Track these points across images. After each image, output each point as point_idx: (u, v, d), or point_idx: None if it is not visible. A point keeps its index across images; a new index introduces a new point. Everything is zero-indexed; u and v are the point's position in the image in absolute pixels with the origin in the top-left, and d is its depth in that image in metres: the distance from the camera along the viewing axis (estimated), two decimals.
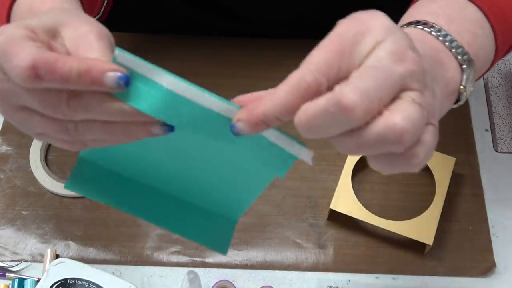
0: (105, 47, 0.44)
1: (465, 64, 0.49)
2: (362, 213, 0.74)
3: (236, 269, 0.74)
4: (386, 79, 0.39)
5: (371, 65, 0.40)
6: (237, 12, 0.90)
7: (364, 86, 0.38)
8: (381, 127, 0.39)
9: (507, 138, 0.83)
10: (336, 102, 0.38)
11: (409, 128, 0.39)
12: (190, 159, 0.49)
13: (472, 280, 0.74)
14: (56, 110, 0.43)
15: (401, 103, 0.39)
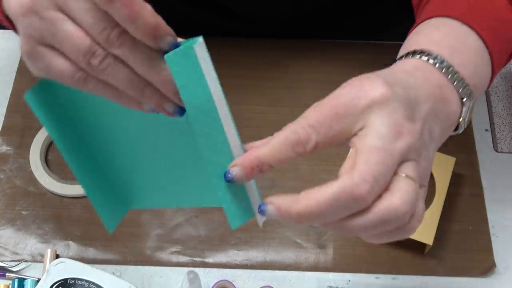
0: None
1: (466, 97, 0.50)
2: None
3: (236, 269, 0.74)
4: (389, 161, 0.42)
5: (375, 146, 0.42)
6: (236, 11, 0.90)
7: (372, 173, 0.42)
8: (384, 210, 0.42)
9: (507, 138, 0.83)
10: (349, 192, 0.42)
11: (408, 209, 0.43)
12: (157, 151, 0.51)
13: (472, 280, 0.74)
14: (104, 31, 0.42)
15: (399, 181, 0.43)
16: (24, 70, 0.89)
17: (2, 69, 0.89)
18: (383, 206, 0.43)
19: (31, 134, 0.82)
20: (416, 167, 0.44)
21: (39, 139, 0.82)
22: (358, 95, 0.44)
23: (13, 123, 0.84)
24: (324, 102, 0.44)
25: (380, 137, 0.43)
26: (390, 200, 0.43)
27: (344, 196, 0.43)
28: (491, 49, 0.53)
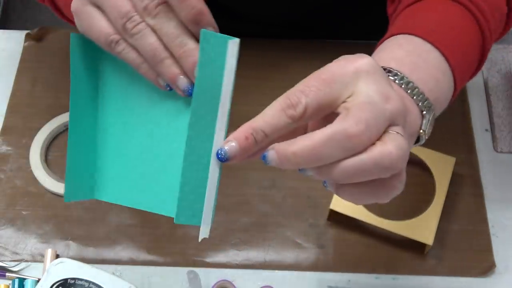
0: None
1: (425, 110, 0.52)
2: (362, 213, 0.74)
3: (236, 269, 0.74)
4: (380, 114, 0.44)
5: (366, 101, 0.44)
6: (236, 11, 0.90)
7: (365, 117, 0.44)
8: (378, 153, 0.44)
9: (507, 138, 0.83)
10: (344, 131, 0.43)
11: (402, 155, 0.44)
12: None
13: (472, 280, 0.74)
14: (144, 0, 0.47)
15: (391, 135, 0.45)
16: (24, 70, 0.89)
17: (2, 69, 0.89)
18: (378, 150, 0.44)
19: (31, 134, 0.82)
20: (404, 131, 0.46)
21: (39, 139, 0.82)
22: (345, 64, 0.46)
23: (13, 123, 0.84)
24: (313, 73, 0.46)
25: (371, 99, 0.45)
26: (384, 146, 0.44)
27: (339, 135, 0.44)
28: (453, 66, 0.55)
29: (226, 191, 0.79)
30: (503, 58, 0.89)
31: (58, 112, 0.84)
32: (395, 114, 0.45)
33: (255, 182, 0.80)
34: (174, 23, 0.47)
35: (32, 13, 2.12)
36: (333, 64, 0.47)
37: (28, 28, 0.93)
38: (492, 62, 0.89)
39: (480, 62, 0.62)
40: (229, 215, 0.78)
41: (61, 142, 0.83)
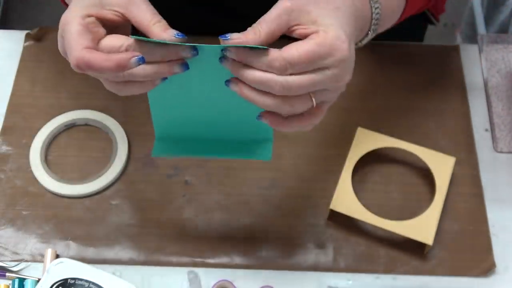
0: (149, 7, 0.60)
1: (371, 32, 0.66)
2: (362, 213, 0.74)
3: (236, 269, 0.74)
4: (313, 58, 0.56)
5: (308, 45, 0.56)
6: (237, 9, 0.90)
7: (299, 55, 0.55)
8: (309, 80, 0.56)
9: (507, 138, 0.83)
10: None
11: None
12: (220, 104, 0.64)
13: (472, 280, 0.74)
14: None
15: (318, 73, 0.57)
16: (24, 70, 0.89)
17: (2, 69, 0.89)
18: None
19: (31, 134, 0.82)
20: (330, 77, 0.58)
21: (39, 139, 0.82)
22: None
23: (13, 123, 0.84)
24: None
25: (314, 43, 0.56)
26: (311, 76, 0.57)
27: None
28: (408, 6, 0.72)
29: (226, 191, 0.79)
30: (503, 58, 0.89)
31: (58, 112, 0.84)
32: (332, 63, 0.56)
33: (255, 182, 0.80)
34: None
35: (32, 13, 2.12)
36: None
37: (28, 28, 0.93)
38: (492, 62, 0.89)
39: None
40: (229, 215, 0.78)
41: (61, 142, 0.83)
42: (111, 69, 0.56)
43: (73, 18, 0.59)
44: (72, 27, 0.59)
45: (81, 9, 0.60)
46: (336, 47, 0.56)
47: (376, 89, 0.87)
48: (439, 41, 0.97)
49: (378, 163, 0.81)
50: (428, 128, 0.84)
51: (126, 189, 0.79)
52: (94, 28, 0.59)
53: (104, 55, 0.57)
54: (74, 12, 0.60)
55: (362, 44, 0.66)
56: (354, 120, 0.84)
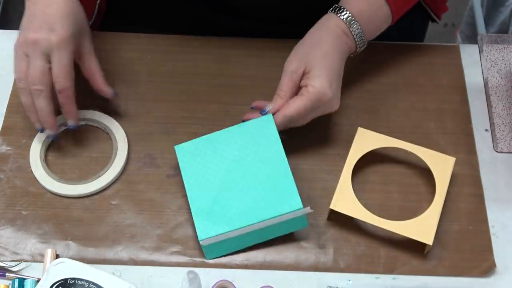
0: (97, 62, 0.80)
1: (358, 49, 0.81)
2: (362, 213, 0.74)
3: (236, 269, 0.74)
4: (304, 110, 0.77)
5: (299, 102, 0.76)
6: (233, 6, 0.90)
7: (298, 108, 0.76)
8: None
9: (507, 138, 0.83)
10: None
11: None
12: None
13: (472, 280, 0.74)
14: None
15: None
16: None
17: (2, 69, 0.89)
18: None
19: (31, 134, 0.82)
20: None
21: (39, 139, 0.82)
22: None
23: (13, 123, 0.84)
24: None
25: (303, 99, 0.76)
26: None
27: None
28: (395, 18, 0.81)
29: None
30: (503, 58, 0.89)
31: (58, 112, 0.84)
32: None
33: None
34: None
35: None
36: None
37: None
38: (492, 62, 0.89)
39: None
40: None
41: (61, 142, 0.83)
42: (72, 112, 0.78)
43: (69, 46, 0.74)
44: (68, 55, 0.74)
45: (72, 39, 0.74)
46: (322, 96, 0.75)
47: (376, 89, 0.87)
48: (439, 41, 0.97)
49: (378, 163, 0.81)
50: (428, 128, 0.84)
51: (126, 189, 0.79)
52: None
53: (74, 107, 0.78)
54: (66, 36, 0.74)
55: (358, 52, 0.81)
56: (354, 120, 0.84)
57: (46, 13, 0.75)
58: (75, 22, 0.76)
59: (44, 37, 0.73)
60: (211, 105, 0.86)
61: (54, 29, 0.74)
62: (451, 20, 2.06)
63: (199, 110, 0.85)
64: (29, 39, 0.74)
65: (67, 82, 0.74)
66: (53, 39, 0.73)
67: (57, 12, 0.74)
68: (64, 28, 0.74)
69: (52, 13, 0.74)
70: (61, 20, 0.74)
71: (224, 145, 0.77)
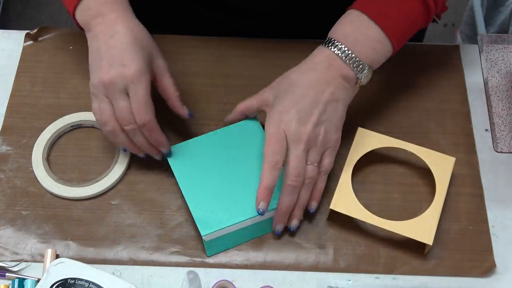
0: (173, 80, 0.78)
1: (358, 71, 0.75)
2: (362, 213, 0.74)
3: (236, 269, 0.74)
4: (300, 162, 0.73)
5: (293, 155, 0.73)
6: (233, 6, 0.90)
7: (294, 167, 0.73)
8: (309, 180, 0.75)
9: (507, 138, 0.83)
10: (291, 181, 0.73)
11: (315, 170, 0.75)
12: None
13: (472, 280, 0.74)
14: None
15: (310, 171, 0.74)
16: (24, 70, 0.89)
17: (2, 69, 0.89)
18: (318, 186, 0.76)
19: (31, 134, 0.82)
20: (316, 148, 0.74)
21: (44, 137, 0.82)
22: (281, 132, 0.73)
23: (13, 123, 0.84)
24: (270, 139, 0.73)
25: (292, 148, 0.73)
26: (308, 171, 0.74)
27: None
28: (390, 36, 0.75)
29: None
30: (503, 58, 0.89)
31: (58, 111, 0.84)
32: (307, 146, 0.73)
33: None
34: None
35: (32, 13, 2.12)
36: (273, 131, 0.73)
37: (28, 28, 0.93)
38: (492, 62, 0.89)
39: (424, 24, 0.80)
40: None
41: (63, 142, 0.83)
42: (160, 143, 0.75)
43: (144, 77, 0.72)
44: (144, 88, 0.72)
45: (147, 66, 0.73)
46: (263, 98, 0.77)
47: (376, 89, 0.87)
48: (439, 41, 0.97)
49: (378, 163, 0.81)
50: (428, 128, 0.84)
51: (126, 189, 0.79)
52: None
53: (161, 133, 0.75)
54: (143, 66, 0.72)
55: (364, 83, 0.76)
56: (354, 120, 0.84)
57: (111, 46, 0.72)
58: (142, 48, 0.73)
59: (117, 75, 0.71)
60: (210, 105, 0.86)
61: (125, 64, 0.71)
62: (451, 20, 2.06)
63: (198, 110, 0.85)
64: (104, 81, 0.72)
65: (147, 115, 0.72)
66: (127, 74, 0.71)
67: (122, 44, 0.72)
68: (134, 61, 0.72)
69: (117, 46, 0.72)
70: (129, 52, 0.72)
71: (214, 146, 0.78)
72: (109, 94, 0.72)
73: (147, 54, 0.74)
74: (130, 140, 0.75)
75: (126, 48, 0.72)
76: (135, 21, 0.75)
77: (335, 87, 0.74)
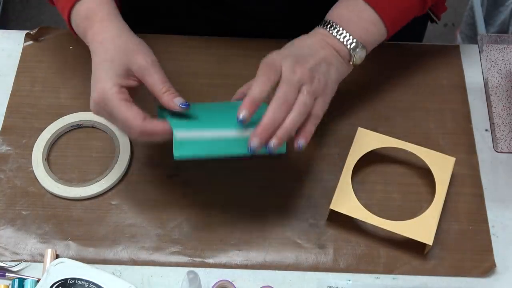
0: (160, 76, 0.72)
1: (352, 50, 0.76)
2: (362, 213, 0.74)
3: (236, 269, 0.74)
4: (291, 87, 0.70)
5: (284, 79, 0.71)
6: (232, 6, 0.90)
7: (284, 89, 0.70)
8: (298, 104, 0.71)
9: (507, 138, 0.83)
10: (278, 98, 0.70)
11: (304, 110, 0.71)
12: None
13: (472, 280, 0.74)
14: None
15: (301, 94, 0.71)
16: (24, 70, 0.89)
17: (2, 69, 0.89)
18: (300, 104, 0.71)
19: (31, 134, 0.82)
20: (311, 85, 0.72)
21: (44, 138, 0.82)
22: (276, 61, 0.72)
23: (13, 123, 0.84)
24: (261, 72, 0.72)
25: (286, 74, 0.71)
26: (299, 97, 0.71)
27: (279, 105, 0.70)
28: (384, 19, 0.77)
29: (226, 191, 0.79)
30: (503, 58, 0.89)
31: (58, 111, 0.84)
32: (300, 79, 0.71)
33: (255, 182, 0.80)
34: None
35: (32, 13, 2.12)
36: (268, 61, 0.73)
37: (28, 28, 0.93)
38: (492, 62, 0.89)
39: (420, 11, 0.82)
40: (229, 215, 0.77)
41: (63, 142, 0.83)
42: (166, 134, 0.69)
43: (112, 96, 0.69)
44: (116, 102, 0.69)
45: (113, 81, 0.70)
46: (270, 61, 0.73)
47: (376, 89, 0.87)
48: (439, 41, 0.97)
49: (378, 163, 0.81)
50: (428, 128, 0.84)
51: (126, 189, 0.79)
52: (128, 97, 0.70)
53: (160, 123, 0.69)
54: (107, 85, 0.70)
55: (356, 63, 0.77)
56: (354, 120, 0.84)
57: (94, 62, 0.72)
58: (112, 61, 0.71)
59: (92, 102, 0.71)
60: None
61: (93, 89, 0.71)
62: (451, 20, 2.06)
63: None
64: (92, 101, 0.72)
65: (135, 128, 0.69)
66: (94, 100, 0.71)
67: (94, 65, 0.72)
68: (100, 81, 0.70)
69: (92, 68, 0.72)
70: (97, 73, 0.71)
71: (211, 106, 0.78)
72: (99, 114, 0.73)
73: (121, 63, 0.71)
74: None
75: (96, 68, 0.72)
76: (109, 28, 0.74)
77: (329, 53, 0.75)
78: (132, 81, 0.72)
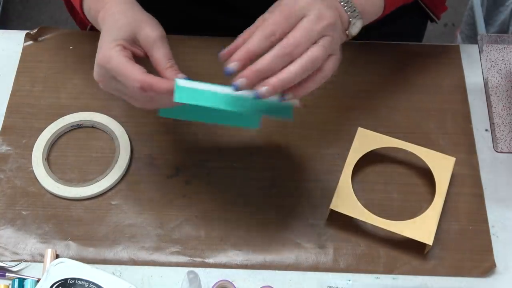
0: (166, 51, 0.71)
1: (352, 17, 0.71)
2: (362, 213, 0.74)
3: (236, 269, 0.74)
4: (308, 37, 0.64)
5: (302, 26, 0.64)
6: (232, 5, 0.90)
7: (298, 37, 0.64)
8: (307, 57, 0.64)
9: (507, 138, 0.83)
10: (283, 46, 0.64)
11: (323, 53, 0.64)
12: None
13: (472, 280, 0.74)
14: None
15: (318, 44, 0.64)
16: (24, 70, 0.89)
17: (2, 69, 0.89)
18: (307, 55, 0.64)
19: (31, 134, 0.82)
20: (331, 40, 0.66)
21: (44, 138, 0.82)
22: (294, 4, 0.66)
23: (13, 123, 0.84)
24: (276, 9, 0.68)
25: (308, 21, 0.64)
26: (311, 52, 0.64)
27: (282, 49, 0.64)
28: None
29: (226, 191, 0.79)
30: (503, 58, 0.89)
31: (58, 111, 0.84)
32: (325, 29, 0.65)
33: (255, 182, 0.80)
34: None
35: (32, 13, 2.12)
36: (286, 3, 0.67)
37: (28, 28, 0.93)
38: (492, 62, 0.89)
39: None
40: (229, 215, 0.77)
41: (63, 142, 0.83)
42: (168, 91, 0.66)
43: (115, 53, 0.68)
44: (119, 59, 0.67)
45: (117, 42, 0.69)
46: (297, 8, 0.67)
47: (376, 89, 0.87)
48: (439, 41, 0.97)
49: (378, 163, 0.81)
50: (428, 128, 0.84)
51: (126, 189, 0.79)
52: (132, 57, 0.69)
53: (162, 79, 0.67)
54: (111, 46, 0.68)
55: (352, 33, 0.72)
56: (354, 120, 0.84)
57: (102, 31, 0.72)
58: (118, 28, 0.70)
59: (97, 60, 0.70)
60: None
61: (100, 49, 0.70)
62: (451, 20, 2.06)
63: None
64: (95, 66, 0.71)
65: (134, 83, 0.67)
66: (98, 59, 0.69)
67: (108, 28, 0.71)
68: (106, 43, 0.69)
69: (104, 30, 0.71)
70: (108, 37, 0.70)
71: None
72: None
73: (128, 30, 0.70)
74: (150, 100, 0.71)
75: (103, 36, 0.71)
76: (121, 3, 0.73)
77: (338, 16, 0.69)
78: (137, 49, 0.71)
